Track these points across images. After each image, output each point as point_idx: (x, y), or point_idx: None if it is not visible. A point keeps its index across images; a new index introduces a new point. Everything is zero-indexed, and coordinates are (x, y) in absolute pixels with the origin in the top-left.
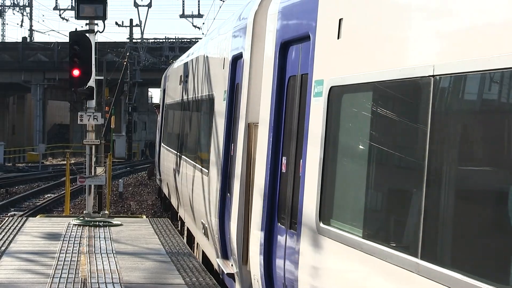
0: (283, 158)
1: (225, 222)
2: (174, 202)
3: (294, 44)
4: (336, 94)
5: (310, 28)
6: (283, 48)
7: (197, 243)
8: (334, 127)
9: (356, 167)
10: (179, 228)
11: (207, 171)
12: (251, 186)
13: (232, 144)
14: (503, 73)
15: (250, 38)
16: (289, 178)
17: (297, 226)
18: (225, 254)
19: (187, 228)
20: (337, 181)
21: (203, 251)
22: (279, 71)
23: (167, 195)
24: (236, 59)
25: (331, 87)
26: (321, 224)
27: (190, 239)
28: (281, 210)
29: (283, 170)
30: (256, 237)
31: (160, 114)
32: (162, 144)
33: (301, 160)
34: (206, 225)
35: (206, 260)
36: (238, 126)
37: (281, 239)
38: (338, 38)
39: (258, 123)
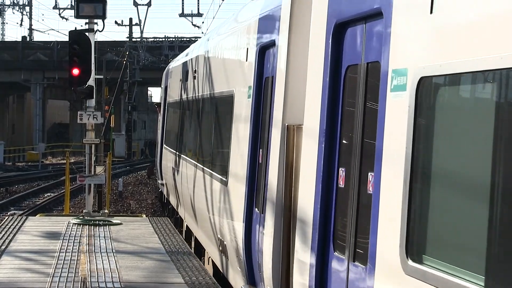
0: (340, 169)
1: (252, 243)
2: (178, 208)
3: (355, 24)
4: (430, 87)
5: (384, 1)
6: (338, 31)
7: (209, 258)
8: (428, 131)
9: (474, 189)
10: (184, 236)
11: (225, 180)
12: (291, 201)
13: (261, 150)
14: None
15: (287, 22)
16: (350, 196)
17: (368, 260)
18: (252, 280)
19: (195, 237)
20: (438, 206)
21: (213, 263)
22: (333, 60)
23: (170, 200)
24: (265, 49)
25: (421, 78)
26: (410, 262)
27: (197, 247)
28: (339, 236)
29: (341, 184)
30: (303, 268)
31: (162, 113)
32: (164, 145)
33: (370, 174)
34: (225, 242)
35: (217, 275)
36: (271, 129)
37: (340, 274)
38: (431, 13)
39: (300, 125)
